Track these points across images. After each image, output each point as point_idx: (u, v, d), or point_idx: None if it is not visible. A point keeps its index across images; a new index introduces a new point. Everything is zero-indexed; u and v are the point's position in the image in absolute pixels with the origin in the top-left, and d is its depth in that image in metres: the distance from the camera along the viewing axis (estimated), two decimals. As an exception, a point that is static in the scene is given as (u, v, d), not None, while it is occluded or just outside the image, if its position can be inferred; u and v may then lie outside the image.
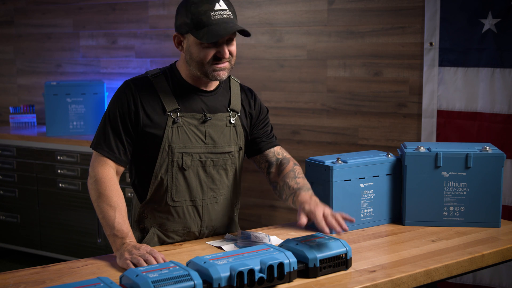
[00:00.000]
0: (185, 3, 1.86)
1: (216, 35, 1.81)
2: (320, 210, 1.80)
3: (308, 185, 1.99)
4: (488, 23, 3.04)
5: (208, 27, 1.82)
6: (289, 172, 2.02)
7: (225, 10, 1.86)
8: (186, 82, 1.96)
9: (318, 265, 1.64)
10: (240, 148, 2.04)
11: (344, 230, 1.76)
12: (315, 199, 1.88)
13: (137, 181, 2.00)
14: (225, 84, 2.05)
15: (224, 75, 1.90)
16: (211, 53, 1.86)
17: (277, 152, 2.11)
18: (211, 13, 1.83)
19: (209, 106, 1.98)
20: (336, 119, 3.55)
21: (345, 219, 1.80)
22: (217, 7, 1.84)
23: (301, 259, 1.65)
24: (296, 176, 2.01)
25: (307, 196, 1.90)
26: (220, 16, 1.84)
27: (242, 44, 3.78)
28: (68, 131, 4.05)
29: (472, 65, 3.12)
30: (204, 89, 1.98)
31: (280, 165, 2.06)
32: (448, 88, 3.19)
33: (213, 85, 2.00)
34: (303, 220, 1.79)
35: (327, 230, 1.74)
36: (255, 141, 2.09)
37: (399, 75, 3.35)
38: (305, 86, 3.63)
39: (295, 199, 1.92)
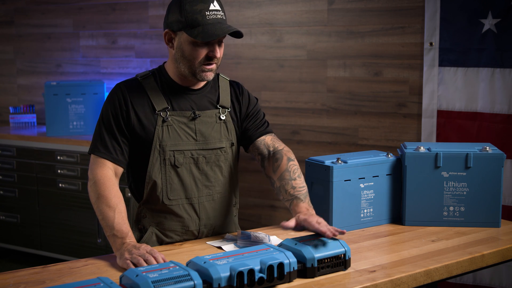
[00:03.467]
0: (179, 1, 1.87)
1: (212, 35, 1.83)
2: (314, 218, 1.76)
3: (304, 189, 1.94)
4: (488, 23, 3.04)
5: (202, 26, 1.84)
6: (284, 172, 1.97)
7: (219, 11, 1.88)
8: (174, 82, 1.98)
9: (316, 265, 1.64)
10: (232, 144, 2.04)
11: (337, 233, 1.70)
12: (311, 211, 1.86)
13: (133, 183, 2.02)
14: (214, 82, 2.06)
15: (211, 76, 1.93)
16: (203, 52, 1.87)
17: (268, 143, 2.06)
18: (206, 12, 1.85)
19: (197, 104, 1.99)
20: (336, 119, 3.55)
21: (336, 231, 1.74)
22: (211, 7, 1.86)
23: (299, 259, 1.65)
24: (292, 177, 1.95)
25: (304, 208, 1.87)
26: (214, 16, 1.86)
27: (242, 44, 3.78)
28: (68, 131, 4.05)
29: (472, 65, 3.12)
30: (192, 87, 1.99)
31: (274, 160, 2.01)
32: (448, 88, 3.19)
33: (201, 83, 2.01)
34: (290, 223, 1.76)
35: (322, 229, 1.70)
36: (246, 132, 2.08)
37: (399, 75, 3.35)
38: (305, 86, 3.63)
39: (292, 208, 1.91)
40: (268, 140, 2.07)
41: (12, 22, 4.71)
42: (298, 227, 1.79)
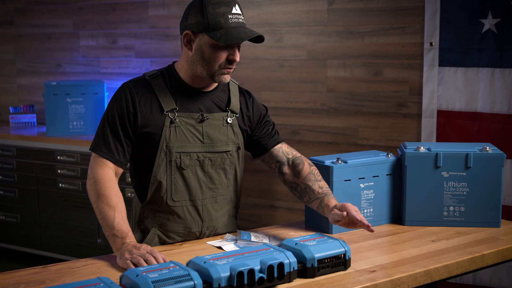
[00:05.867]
0: (200, 3, 1.86)
1: (235, 38, 1.82)
2: (352, 206, 1.87)
3: (329, 189, 2.03)
4: (488, 23, 3.04)
5: (225, 29, 1.83)
6: (308, 174, 2.03)
7: (240, 14, 1.88)
8: (184, 83, 1.96)
9: (316, 265, 1.64)
10: (238, 148, 2.04)
11: (368, 228, 1.84)
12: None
13: (138, 182, 2.01)
14: (223, 85, 2.05)
15: (228, 78, 1.93)
16: (224, 55, 1.87)
17: (286, 151, 2.10)
18: (229, 15, 1.84)
19: (206, 106, 1.98)
20: (336, 119, 3.55)
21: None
22: (234, 10, 1.86)
23: (299, 259, 1.65)
24: (317, 178, 2.03)
25: (336, 202, 1.95)
26: (236, 20, 1.86)
27: (242, 44, 3.77)
28: (68, 131, 4.05)
29: (472, 65, 3.12)
30: (203, 89, 1.99)
31: (295, 165, 2.06)
32: (448, 88, 3.19)
33: (212, 85, 2.01)
34: (340, 216, 1.86)
35: (359, 217, 1.82)
36: (259, 141, 2.09)
37: (399, 75, 3.35)
38: (305, 86, 3.63)
39: (323, 204, 1.96)
40: (286, 148, 2.12)
41: (12, 22, 4.71)
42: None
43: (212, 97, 2.01)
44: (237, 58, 1.89)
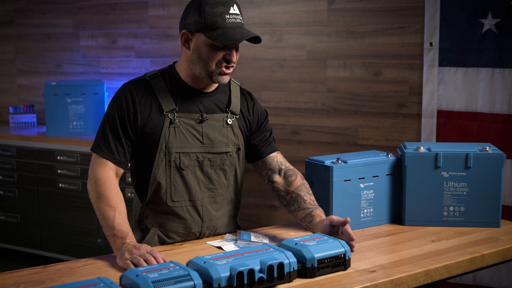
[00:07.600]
0: (199, 2, 1.86)
1: (231, 38, 1.82)
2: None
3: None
4: (488, 23, 3.04)
5: (222, 29, 1.83)
6: (301, 186, 2.04)
7: (238, 15, 1.87)
8: (184, 83, 1.96)
9: (316, 265, 1.64)
10: (239, 149, 2.04)
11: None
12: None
13: (138, 182, 2.01)
14: (225, 86, 2.05)
15: (227, 79, 1.92)
16: (220, 55, 1.86)
17: (280, 161, 2.09)
18: (226, 16, 1.84)
19: (206, 107, 1.98)
20: (336, 119, 3.55)
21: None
22: (231, 10, 1.85)
23: (299, 259, 1.65)
24: (308, 192, 2.03)
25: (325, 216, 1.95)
26: (234, 20, 1.85)
27: (242, 44, 3.77)
28: (68, 131, 4.05)
29: (472, 65, 3.12)
30: (203, 90, 1.98)
31: (288, 176, 2.06)
32: (448, 88, 3.19)
33: (212, 86, 2.00)
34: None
35: (351, 232, 1.81)
36: (255, 146, 2.09)
37: (399, 75, 3.35)
38: (305, 86, 3.63)
39: (314, 213, 1.95)
40: (280, 158, 2.11)
41: (12, 22, 4.71)
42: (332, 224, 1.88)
43: (213, 98, 2.00)
44: (234, 59, 1.88)
